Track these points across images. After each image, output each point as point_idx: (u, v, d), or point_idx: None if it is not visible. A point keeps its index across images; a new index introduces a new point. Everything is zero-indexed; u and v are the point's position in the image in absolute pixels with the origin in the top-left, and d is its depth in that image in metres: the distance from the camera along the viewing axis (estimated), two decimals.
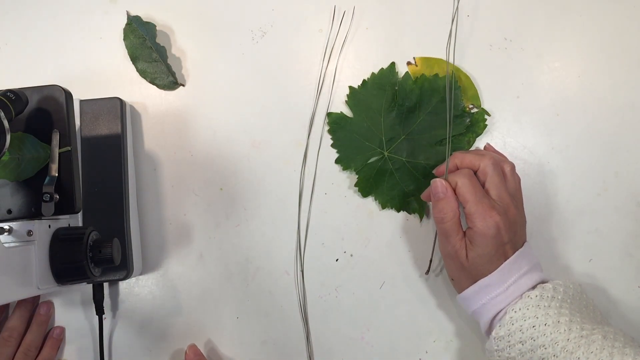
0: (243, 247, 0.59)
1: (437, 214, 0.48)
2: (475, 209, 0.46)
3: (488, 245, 0.46)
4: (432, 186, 0.49)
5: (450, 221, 0.48)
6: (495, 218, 0.45)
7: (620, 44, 0.58)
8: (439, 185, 0.48)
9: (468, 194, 0.47)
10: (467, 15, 0.60)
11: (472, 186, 0.47)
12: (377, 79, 0.58)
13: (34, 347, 0.55)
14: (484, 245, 0.46)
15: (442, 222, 0.48)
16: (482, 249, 0.46)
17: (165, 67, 0.60)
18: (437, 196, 0.49)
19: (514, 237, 0.47)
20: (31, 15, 0.64)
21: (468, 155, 0.51)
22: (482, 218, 0.46)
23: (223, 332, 0.59)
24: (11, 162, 0.45)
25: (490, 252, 0.46)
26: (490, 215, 0.45)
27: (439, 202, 0.48)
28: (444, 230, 0.48)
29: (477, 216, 0.46)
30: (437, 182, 0.49)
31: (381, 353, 0.57)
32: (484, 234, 0.45)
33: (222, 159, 0.60)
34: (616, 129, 0.57)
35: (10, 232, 0.44)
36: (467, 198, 0.47)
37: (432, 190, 0.49)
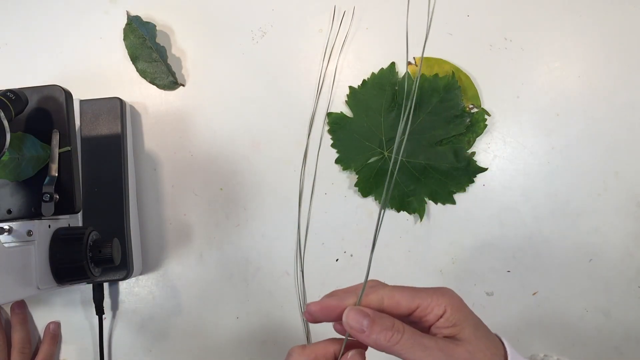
0: (243, 247, 0.59)
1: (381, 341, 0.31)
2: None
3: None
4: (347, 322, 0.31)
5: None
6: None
7: (620, 44, 0.58)
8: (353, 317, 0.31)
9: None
10: (467, 15, 0.60)
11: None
12: (377, 79, 0.58)
13: (27, 343, 0.56)
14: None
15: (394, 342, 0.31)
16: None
17: (165, 67, 0.60)
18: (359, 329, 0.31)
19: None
20: (31, 15, 0.64)
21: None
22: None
23: (223, 332, 0.59)
24: (11, 162, 0.45)
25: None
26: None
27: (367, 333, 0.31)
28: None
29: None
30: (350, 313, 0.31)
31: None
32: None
33: (222, 159, 0.60)
34: (616, 129, 0.57)
35: (10, 232, 0.44)
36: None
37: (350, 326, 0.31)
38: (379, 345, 0.30)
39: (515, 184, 0.58)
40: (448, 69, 0.58)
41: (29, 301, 0.60)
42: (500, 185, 0.58)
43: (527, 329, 0.57)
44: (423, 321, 0.32)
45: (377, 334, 0.30)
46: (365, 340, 0.30)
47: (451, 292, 0.33)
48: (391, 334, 0.30)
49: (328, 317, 0.32)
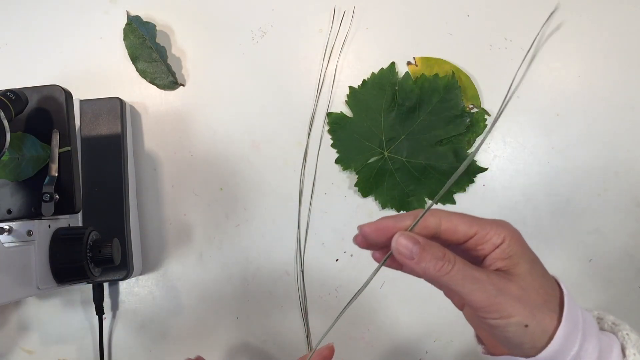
0: (243, 247, 0.59)
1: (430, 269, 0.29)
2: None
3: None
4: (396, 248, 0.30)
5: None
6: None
7: (620, 44, 0.58)
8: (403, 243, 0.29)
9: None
10: (467, 15, 0.60)
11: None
12: (377, 79, 0.58)
13: None
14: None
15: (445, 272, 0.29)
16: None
17: (165, 67, 0.60)
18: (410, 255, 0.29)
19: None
20: (31, 15, 0.64)
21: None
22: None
23: (223, 332, 0.59)
24: (11, 162, 0.45)
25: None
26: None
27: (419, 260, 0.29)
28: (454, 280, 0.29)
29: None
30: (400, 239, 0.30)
31: (381, 353, 0.57)
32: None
33: (222, 159, 0.60)
34: (616, 129, 0.57)
35: (10, 232, 0.44)
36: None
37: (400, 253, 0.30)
38: (428, 274, 0.29)
39: (515, 184, 0.58)
40: (448, 69, 0.58)
41: (27, 301, 0.60)
42: (500, 185, 0.58)
43: None
44: (478, 250, 0.30)
45: (426, 262, 0.28)
46: (414, 267, 0.29)
47: (510, 225, 0.31)
48: (442, 263, 0.28)
49: (380, 239, 0.31)
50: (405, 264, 0.29)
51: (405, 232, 0.30)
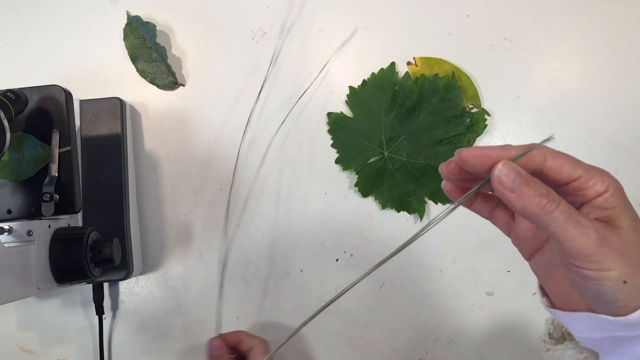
0: (243, 247, 0.59)
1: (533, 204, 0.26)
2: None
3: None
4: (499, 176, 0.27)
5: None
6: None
7: (620, 44, 0.58)
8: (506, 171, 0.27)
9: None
10: (467, 15, 0.60)
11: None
12: (377, 79, 0.58)
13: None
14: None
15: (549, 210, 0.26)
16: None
17: (165, 67, 0.60)
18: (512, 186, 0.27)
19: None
20: (31, 15, 0.64)
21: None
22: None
23: (223, 332, 0.59)
24: (11, 162, 0.45)
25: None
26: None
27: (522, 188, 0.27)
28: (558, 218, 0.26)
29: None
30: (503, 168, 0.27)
31: (381, 353, 0.57)
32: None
33: (222, 159, 0.60)
34: (616, 129, 0.57)
35: (10, 232, 0.44)
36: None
37: (501, 183, 0.27)
38: (528, 211, 0.26)
39: None
40: (448, 69, 0.58)
41: (27, 301, 0.60)
42: None
43: (527, 329, 0.56)
44: (579, 194, 0.28)
45: (529, 197, 0.26)
46: (514, 201, 0.26)
47: (613, 176, 0.29)
48: (545, 201, 0.26)
49: (480, 166, 0.28)
50: (504, 196, 0.27)
51: (510, 162, 0.27)
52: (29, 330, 0.60)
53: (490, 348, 0.57)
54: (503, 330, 0.56)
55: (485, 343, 0.52)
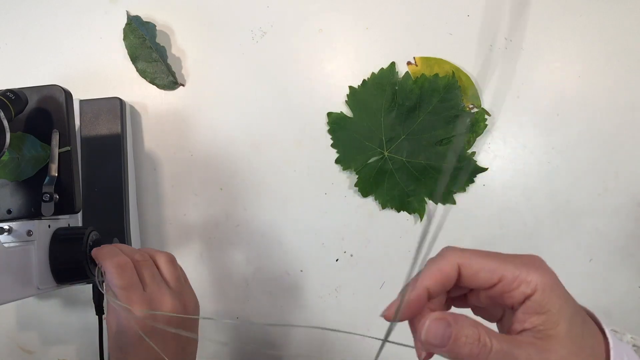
0: (243, 247, 0.59)
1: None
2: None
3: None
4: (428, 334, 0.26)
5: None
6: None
7: (620, 44, 0.58)
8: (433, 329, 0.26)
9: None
10: (467, 15, 0.60)
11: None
12: (377, 79, 0.58)
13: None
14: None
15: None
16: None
17: (165, 67, 0.60)
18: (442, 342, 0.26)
19: None
20: (31, 15, 0.64)
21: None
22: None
23: (223, 332, 0.59)
24: (11, 162, 0.45)
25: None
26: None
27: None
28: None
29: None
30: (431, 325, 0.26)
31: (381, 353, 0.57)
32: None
33: (222, 159, 0.60)
34: (616, 129, 0.57)
35: (10, 232, 0.44)
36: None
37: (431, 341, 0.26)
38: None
39: (515, 184, 0.58)
40: (448, 69, 0.58)
41: (27, 301, 0.60)
42: (500, 185, 0.58)
43: None
44: (505, 298, 0.26)
45: (460, 348, 0.25)
46: (446, 355, 0.26)
47: (543, 264, 0.26)
48: (478, 349, 0.25)
49: (412, 314, 0.28)
50: (435, 351, 0.26)
51: (435, 314, 0.26)
52: (29, 330, 0.60)
53: None
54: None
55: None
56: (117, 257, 0.41)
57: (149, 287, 0.40)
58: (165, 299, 0.40)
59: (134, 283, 0.40)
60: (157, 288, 0.40)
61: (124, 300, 0.39)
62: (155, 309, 0.39)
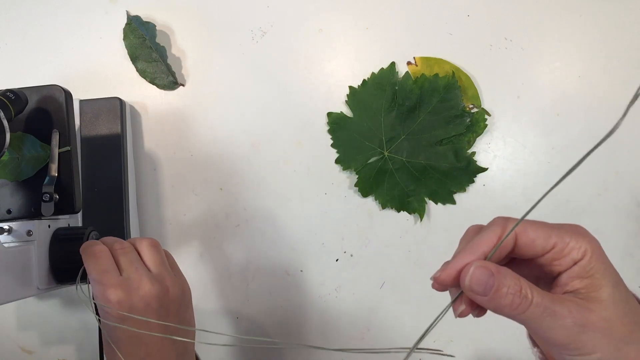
0: (243, 247, 0.59)
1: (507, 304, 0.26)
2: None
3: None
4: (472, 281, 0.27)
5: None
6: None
7: (620, 44, 0.58)
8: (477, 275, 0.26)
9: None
10: (467, 15, 0.60)
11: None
12: (377, 79, 0.58)
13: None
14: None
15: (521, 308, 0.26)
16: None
17: (165, 67, 0.60)
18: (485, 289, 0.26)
19: None
20: (31, 15, 0.64)
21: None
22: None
23: (223, 332, 0.59)
24: (11, 162, 0.45)
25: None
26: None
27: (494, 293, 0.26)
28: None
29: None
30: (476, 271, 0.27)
31: (381, 353, 0.57)
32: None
33: (222, 159, 0.60)
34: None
35: (10, 232, 0.44)
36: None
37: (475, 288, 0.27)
38: (502, 312, 0.26)
39: (515, 184, 0.58)
40: (448, 69, 0.58)
41: (27, 301, 0.60)
42: (500, 185, 0.58)
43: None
44: (554, 265, 0.27)
45: (502, 298, 0.25)
46: (487, 304, 0.26)
47: (588, 232, 0.27)
48: (519, 300, 0.25)
49: (457, 281, 0.27)
50: (477, 300, 0.26)
51: (479, 262, 0.26)
52: (29, 330, 0.60)
53: (490, 348, 0.57)
54: (503, 330, 0.56)
55: (485, 343, 0.52)
56: (93, 247, 0.40)
57: (126, 272, 0.39)
58: (144, 281, 0.39)
59: (109, 269, 0.39)
60: (135, 271, 0.39)
61: (97, 287, 0.38)
62: (132, 292, 0.38)
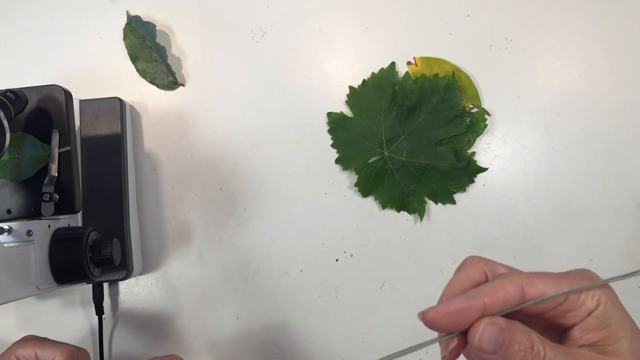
0: (243, 247, 0.59)
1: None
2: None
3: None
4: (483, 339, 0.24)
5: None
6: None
7: (620, 44, 0.58)
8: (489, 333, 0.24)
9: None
10: (467, 15, 0.60)
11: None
12: (377, 79, 0.58)
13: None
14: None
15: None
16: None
17: (165, 67, 0.60)
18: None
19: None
20: (31, 15, 0.64)
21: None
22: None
23: (223, 332, 0.59)
24: (11, 162, 0.45)
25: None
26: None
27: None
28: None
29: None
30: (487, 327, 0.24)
31: (381, 353, 0.57)
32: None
33: (222, 159, 0.60)
34: (616, 129, 0.57)
35: (10, 232, 0.44)
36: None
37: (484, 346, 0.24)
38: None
39: (515, 184, 0.58)
40: (448, 69, 0.58)
41: (27, 301, 0.60)
42: (500, 185, 0.58)
43: None
44: (566, 317, 0.25)
45: (512, 356, 0.23)
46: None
47: (598, 277, 0.25)
48: (530, 358, 0.23)
49: (452, 325, 0.24)
50: (485, 359, 0.24)
51: (489, 318, 0.24)
52: (29, 330, 0.60)
53: None
54: None
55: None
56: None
57: None
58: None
59: None
60: None
61: None
62: None
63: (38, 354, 0.44)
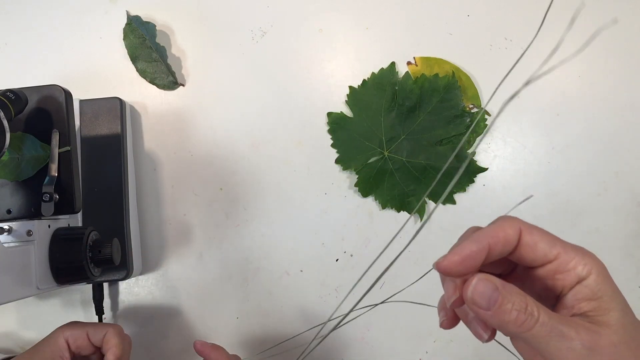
0: (243, 247, 0.59)
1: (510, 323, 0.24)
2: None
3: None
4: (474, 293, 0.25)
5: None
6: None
7: (620, 44, 0.58)
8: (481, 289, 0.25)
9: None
10: (467, 15, 0.60)
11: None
12: (377, 79, 0.58)
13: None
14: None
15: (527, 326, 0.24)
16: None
17: (165, 67, 0.60)
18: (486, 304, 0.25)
19: None
20: (31, 15, 0.64)
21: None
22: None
23: (223, 332, 0.59)
24: (11, 162, 0.45)
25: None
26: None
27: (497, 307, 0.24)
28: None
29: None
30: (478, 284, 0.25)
31: (381, 353, 0.57)
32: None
33: (222, 159, 0.60)
34: (616, 129, 0.57)
35: (10, 232, 0.44)
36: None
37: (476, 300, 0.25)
38: (506, 329, 0.24)
39: (515, 184, 0.58)
40: (448, 69, 0.58)
41: (27, 301, 0.60)
42: (500, 185, 0.58)
43: None
44: (556, 279, 0.25)
45: (507, 314, 0.24)
46: (490, 320, 0.24)
47: (596, 256, 0.26)
48: (524, 317, 0.23)
49: (467, 270, 0.25)
50: (479, 315, 0.25)
51: (482, 274, 0.25)
52: (29, 330, 0.60)
53: (490, 348, 0.57)
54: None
55: (485, 343, 0.52)
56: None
57: None
58: None
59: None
60: None
61: None
62: None
63: (89, 333, 0.46)
